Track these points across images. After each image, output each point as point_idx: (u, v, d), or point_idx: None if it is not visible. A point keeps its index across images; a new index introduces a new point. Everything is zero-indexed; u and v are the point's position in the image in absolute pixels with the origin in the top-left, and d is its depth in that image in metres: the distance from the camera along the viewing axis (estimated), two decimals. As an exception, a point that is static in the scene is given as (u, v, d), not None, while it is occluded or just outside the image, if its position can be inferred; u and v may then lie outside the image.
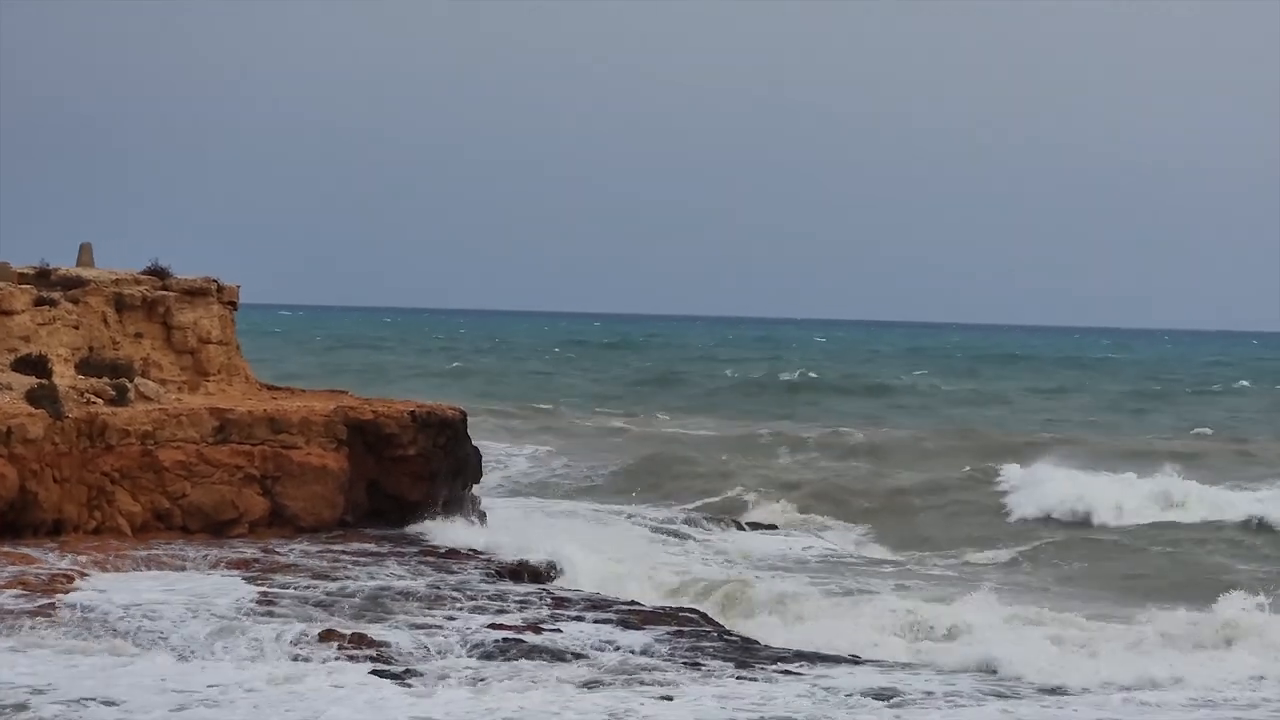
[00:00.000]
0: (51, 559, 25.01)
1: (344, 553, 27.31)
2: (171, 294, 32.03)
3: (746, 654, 21.26)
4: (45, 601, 21.98)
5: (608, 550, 27.86)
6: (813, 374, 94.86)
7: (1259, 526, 34.59)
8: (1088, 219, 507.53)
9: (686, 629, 22.60)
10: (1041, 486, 38.33)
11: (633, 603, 24.33)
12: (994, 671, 20.25)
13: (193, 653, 19.82)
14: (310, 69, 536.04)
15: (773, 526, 36.01)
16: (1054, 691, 19.53)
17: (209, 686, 18.10)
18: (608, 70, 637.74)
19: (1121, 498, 37.22)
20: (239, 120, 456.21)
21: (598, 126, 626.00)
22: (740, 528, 34.88)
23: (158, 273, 32.40)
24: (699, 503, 39.26)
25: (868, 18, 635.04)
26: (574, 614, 23.31)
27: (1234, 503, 36.99)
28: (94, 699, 17.42)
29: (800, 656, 21.15)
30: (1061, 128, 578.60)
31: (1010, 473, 40.52)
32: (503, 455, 46.31)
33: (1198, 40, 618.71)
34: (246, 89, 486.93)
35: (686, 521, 35.05)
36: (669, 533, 33.11)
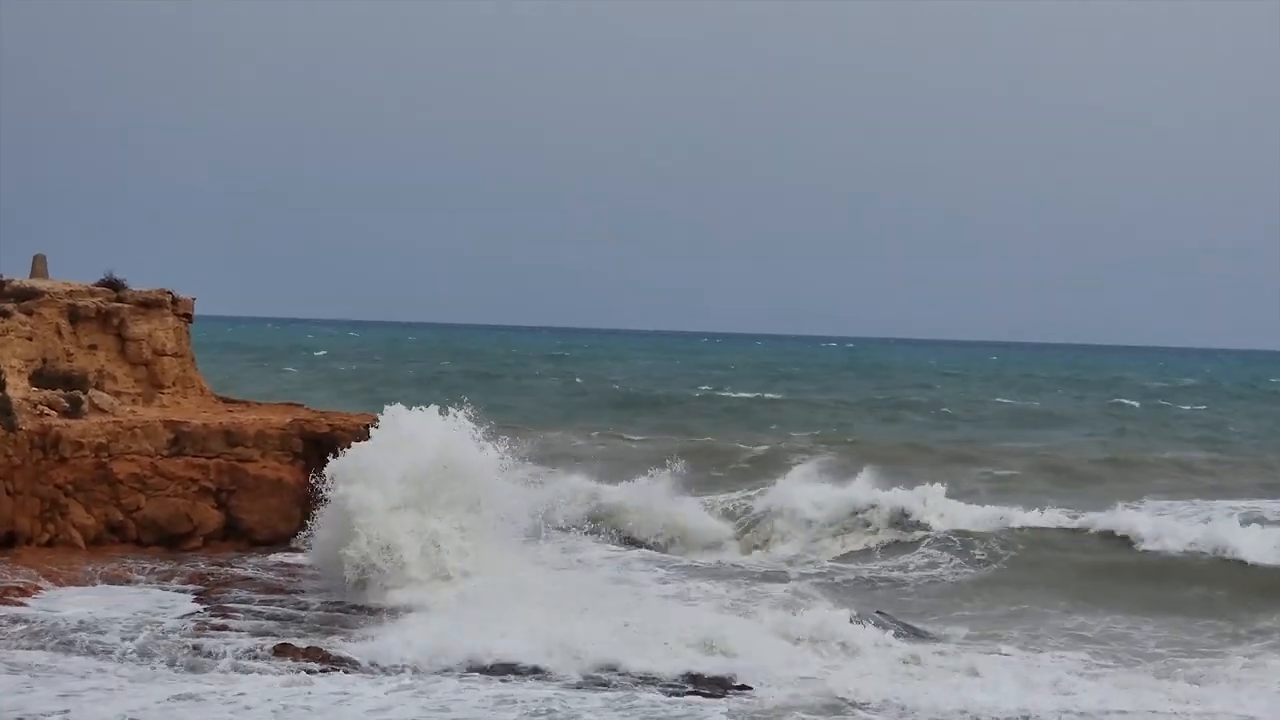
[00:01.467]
0: (2, 572, 24.82)
1: (299, 566, 27.24)
2: (126, 306, 31.90)
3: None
4: (-5, 615, 21.86)
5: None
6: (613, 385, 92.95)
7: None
8: (1088, 231, 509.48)
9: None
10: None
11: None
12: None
13: (143, 667, 19.67)
14: (311, 68, 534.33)
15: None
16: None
17: (158, 702, 17.97)
18: (608, 70, 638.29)
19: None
20: (234, 121, 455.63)
21: (598, 126, 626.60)
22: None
23: (112, 284, 32.29)
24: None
25: (867, 17, 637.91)
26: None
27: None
28: (42, 714, 17.26)
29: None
30: (1057, 130, 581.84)
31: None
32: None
33: (1198, 40, 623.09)
34: (244, 89, 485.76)
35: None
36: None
